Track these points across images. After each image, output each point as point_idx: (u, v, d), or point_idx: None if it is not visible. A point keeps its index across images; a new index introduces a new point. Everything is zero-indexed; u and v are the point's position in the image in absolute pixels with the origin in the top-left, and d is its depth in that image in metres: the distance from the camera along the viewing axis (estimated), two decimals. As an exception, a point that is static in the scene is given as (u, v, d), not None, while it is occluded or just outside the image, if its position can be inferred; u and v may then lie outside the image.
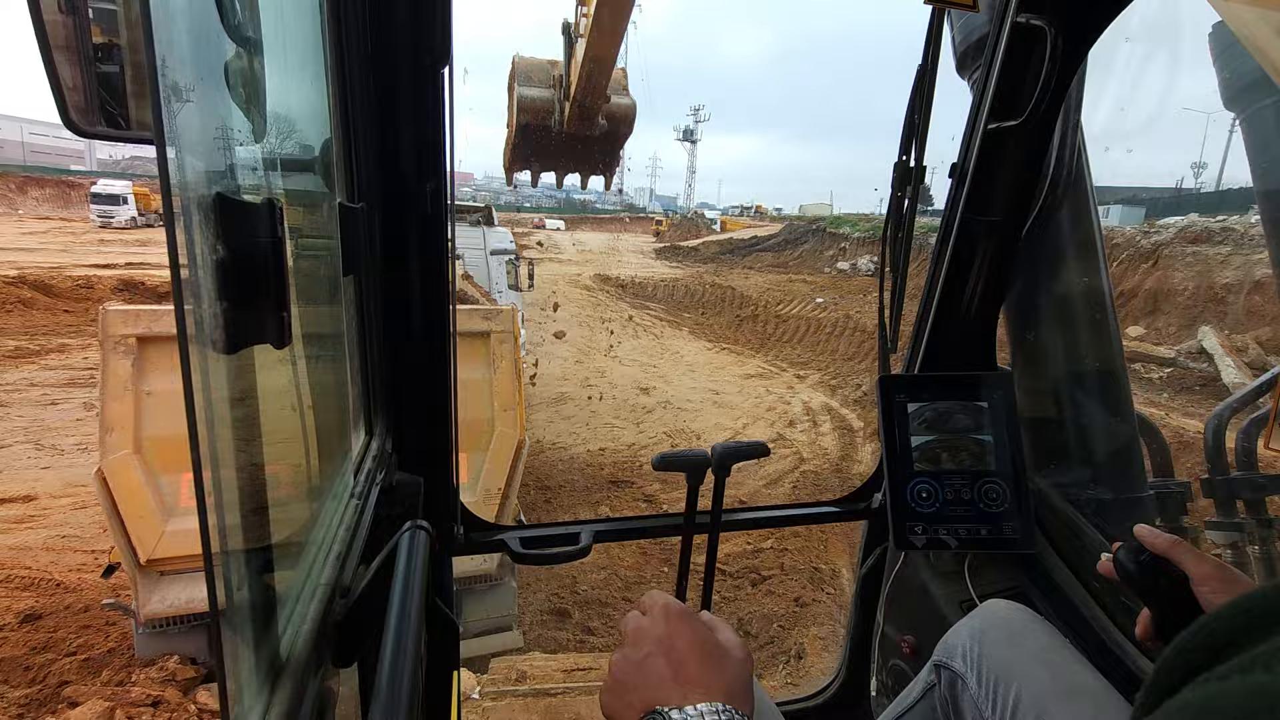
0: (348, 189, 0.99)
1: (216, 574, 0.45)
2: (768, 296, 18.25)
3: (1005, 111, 1.34)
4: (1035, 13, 1.24)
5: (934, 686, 1.14)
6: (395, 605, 0.72)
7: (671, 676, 0.59)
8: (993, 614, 1.13)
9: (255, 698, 0.53)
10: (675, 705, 0.55)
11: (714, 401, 10.16)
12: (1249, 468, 1.73)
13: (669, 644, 0.62)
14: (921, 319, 1.58)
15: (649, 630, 0.64)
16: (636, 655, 0.62)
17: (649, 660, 0.61)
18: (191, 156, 0.43)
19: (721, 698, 0.56)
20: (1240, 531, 1.73)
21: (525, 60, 5.70)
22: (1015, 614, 1.11)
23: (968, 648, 1.09)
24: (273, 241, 0.52)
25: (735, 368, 12.56)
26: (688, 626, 0.64)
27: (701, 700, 0.55)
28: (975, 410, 1.45)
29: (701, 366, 12.25)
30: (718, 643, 0.64)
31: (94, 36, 0.59)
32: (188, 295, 0.42)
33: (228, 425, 0.50)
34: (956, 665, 1.09)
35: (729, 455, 1.49)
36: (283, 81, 0.70)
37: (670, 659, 0.61)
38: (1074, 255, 1.60)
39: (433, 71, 1.05)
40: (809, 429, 9.19)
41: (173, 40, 0.40)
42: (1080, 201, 1.54)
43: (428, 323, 1.20)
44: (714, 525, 1.56)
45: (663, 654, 0.61)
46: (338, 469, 0.95)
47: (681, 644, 0.62)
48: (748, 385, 11.28)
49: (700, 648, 0.62)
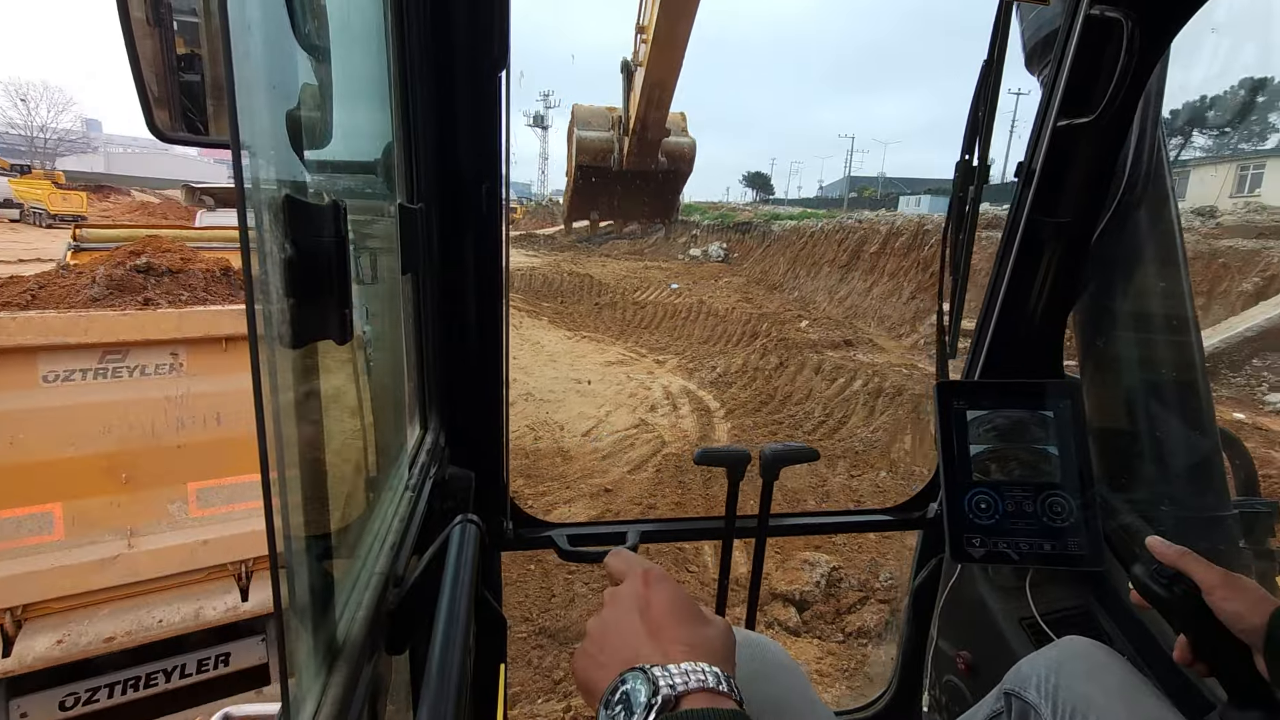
0: (407, 190, 1.02)
1: (280, 560, 0.47)
2: (625, 284, 18.16)
3: (1076, 108, 1.28)
4: (1111, 4, 1.18)
5: (1001, 714, 1.10)
6: (446, 596, 0.73)
7: (649, 634, 0.55)
8: (1072, 648, 1.09)
9: (313, 679, 0.55)
10: (656, 662, 0.51)
11: (576, 391, 10.07)
12: None
13: (647, 604, 0.58)
14: (983, 324, 1.53)
15: (627, 593, 0.61)
16: (613, 616, 0.59)
17: (626, 621, 0.58)
18: (264, 160, 0.46)
19: (704, 656, 0.52)
20: None
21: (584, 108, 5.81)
22: (1096, 651, 1.07)
23: (1043, 678, 1.05)
24: (337, 241, 0.54)
25: (596, 355, 12.47)
26: (666, 589, 0.60)
27: (684, 659, 0.51)
28: (1040, 420, 1.39)
29: (562, 356, 12.12)
30: (697, 606, 0.60)
31: (178, 48, 0.63)
32: (258, 292, 0.44)
33: (293, 418, 0.52)
34: (1030, 696, 1.05)
35: (778, 459, 1.47)
36: (348, 87, 0.73)
37: (648, 619, 0.57)
38: (1152, 258, 1.52)
39: (491, 75, 1.07)
40: (669, 412, 9.27)
41: (249, 51, 0.42)
42: (1159, 202, 1.46)
43: (481, 321, 1.22)
44: (761, 530, 1.54)
45: (639, 613, 0.58)
46: (393, 462, 0.98)
47: (660, 605, 0.58)
48: (609, 372, 11.19)
49: (680, 608, 0.58)
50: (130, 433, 2.45)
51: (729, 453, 1.48)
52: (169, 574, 2.55)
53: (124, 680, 2.55)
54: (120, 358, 2.45)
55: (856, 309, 16.01)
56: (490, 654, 1.32)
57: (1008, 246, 1.44)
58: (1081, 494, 1.35)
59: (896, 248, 16.43)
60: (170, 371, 2.55)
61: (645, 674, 0.50)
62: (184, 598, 2.62)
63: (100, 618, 2.46)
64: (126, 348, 2.46)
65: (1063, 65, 1.28)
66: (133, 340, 2.45)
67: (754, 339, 12.88)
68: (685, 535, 1.61)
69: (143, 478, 2.49)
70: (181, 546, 2.54)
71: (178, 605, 2.59)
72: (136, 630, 2.48)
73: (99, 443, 2.41)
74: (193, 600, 2.62)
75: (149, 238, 3.22)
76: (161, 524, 2.54)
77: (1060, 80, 1.29)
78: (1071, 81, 1.27)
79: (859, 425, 8.60)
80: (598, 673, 0.54)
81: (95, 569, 2.40)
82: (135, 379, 2.48)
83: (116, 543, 2.45)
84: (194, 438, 2.57)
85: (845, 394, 9.54)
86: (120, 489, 2.45)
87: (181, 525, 2.58)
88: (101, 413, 2.41)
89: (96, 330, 2.39)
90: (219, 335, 2.62)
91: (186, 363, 2.57)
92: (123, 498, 2.46)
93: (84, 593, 2.41)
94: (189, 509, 2.60)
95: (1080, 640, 1.12)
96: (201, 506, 2.62)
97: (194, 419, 2.57)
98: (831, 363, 10.73)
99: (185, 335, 2.55)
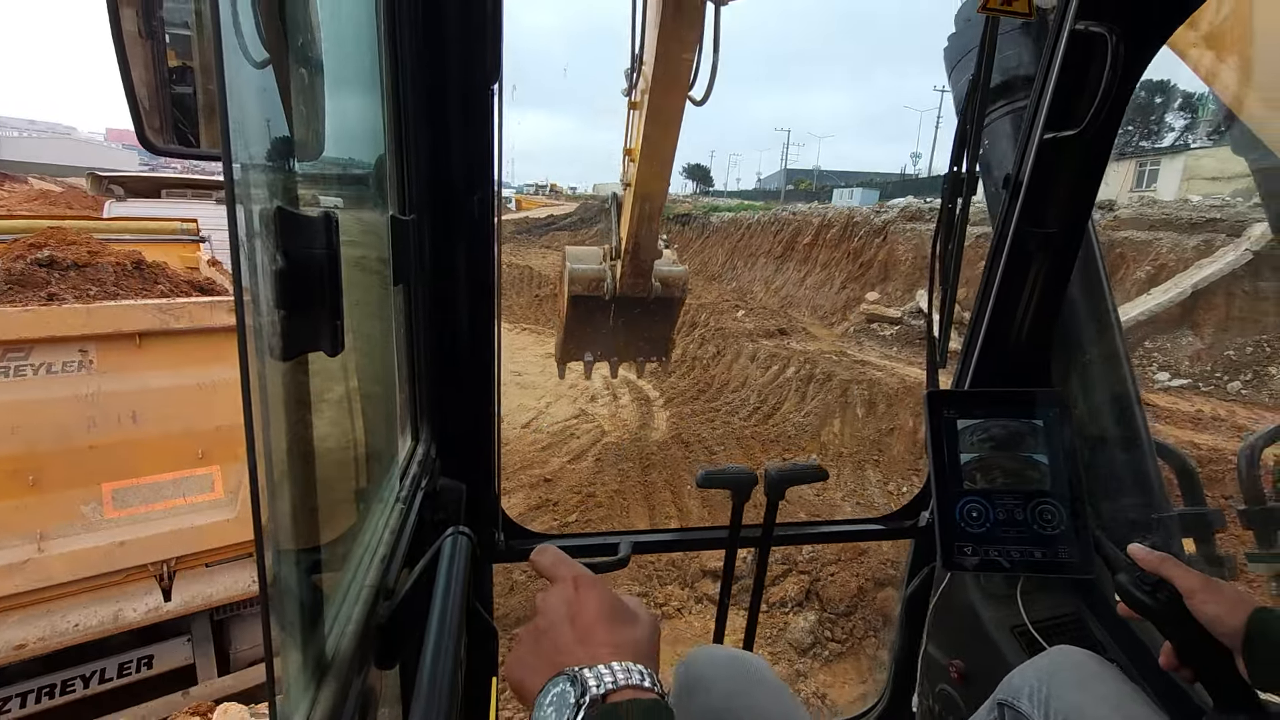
0: (400, 201, 1.02)
1: (268, 573, 0.47)
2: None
3: (1062, 121, 1.30)
4: (1095, 19, 1.20)
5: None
6: (437, 609, 0.73)
7: (579, 639, 0.58)
8: (1064, 657, 1.10)
9: (302, 694, 0.54)
10: (584, 664, 0.54)
11: (517, 383, 10.24)
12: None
13: (576, 609, 0.61)
14: (973, 333, 1.54)
15: (557, 598, 0.63)
16: (544, 623, 0.61)
17: (557, 627, 0.60)
18: (255, 173, 0.46)
19: (629, 656, 0.56)
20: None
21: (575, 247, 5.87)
22: (1087, 660, 1.08)
23: (1035, 688, 1.05)
24: (328, 253, 0.54)
25: (536, 348, 12.64)
26: (596, 593, 0.63)
27: (612, 659, 0.55)
28: (1030, 428, 1.40)
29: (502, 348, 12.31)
30: (625, 607, 0.63)
31: (169, 61, 0.63)
32: (248, 304, 0.44)
33: (283, 429, 0.52)
34: (1023, 706, 1.06)
35: (785, 479, 1.46)
36: (341, 100, 0.73)
37: (577, 624, 0.60)
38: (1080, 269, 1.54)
39: (483, 88, 1.07)
40: (610, 402, 9.45)
41: (241, 63, 0.42)
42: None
43: (473, 332, 1.22)
44: (764, 540, 1.54)
45: (569, 620, 0.60)
46: (384, 473, 0.97)
47: (589, 611, 0.61)
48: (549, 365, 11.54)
49: (608, 611, 0.61)
50: (37, 433, 2.37)
51: (734, 475, 1.45)
52: (84, 577, 2.47)
53: (38, 688, 2.49)
54: (23, 356, 2.36)
55: (791, 298, 16.29)
56: (482, 666, 1.31)
57: (996, 257, 1.45)
58: (1071, 502, 1.35)
59: (828, 239, 16.80)
60: (79, 370, 2.45)
61: (574, 676, 0.53)
62: (101, 600, 2.54)
63: (10, 624, 2.38)
64: (29, 345, 2.37)
65: (1049, 79, 1.30)
66: (35, 338, 2.36)
67: (693, 329, 13.06)
68: (680, 546, 1.61)
69: (52, 479, 2.41)
70: (96, 549, 2.46)
71: (95, 608, 2.52)
72: (50, 636, 2.42)
73: (3, 444, 2.32)
74: (111, 603, 2.55)
75: (52, 229, 3.05)
76: (75, 526, 2.46)
77: (1046, 94, 1.30)
78: (1057, 95, 1.29)
79: (791, 410, 8.81)
80: (531, 677, 0.57)
81: (3, 575, 2.31)
82: (40, 377, 2.39)
83: (25, 547, 2.36)
84: (108, 437, 2.48)
85: (779, 381, 9.74)
86: (27, 491, 2.37)
87: (96, 527, 2.49)
88: (5, 413, 2.32)
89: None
90: (132, 331, 2.52)
91: (97, 360, 2.48)
92: (30, 500, 2.38)
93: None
94: (104, 510, 2.52)
95: (1072, 650, 1.12)
96: (118, 507, 2.54)
97: (107, 418, 2.48)
98: (766, 351, 10.94)
99: (95, 331, 2.45)
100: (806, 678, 3.85)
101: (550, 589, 0.66)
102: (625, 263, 5.40)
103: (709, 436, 7.98)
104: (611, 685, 0.52)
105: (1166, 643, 0.97)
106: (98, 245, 3.01)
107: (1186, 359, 9.49)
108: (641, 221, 5.21)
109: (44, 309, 2.43)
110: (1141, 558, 1.00)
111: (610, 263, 5.57)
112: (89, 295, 2.65)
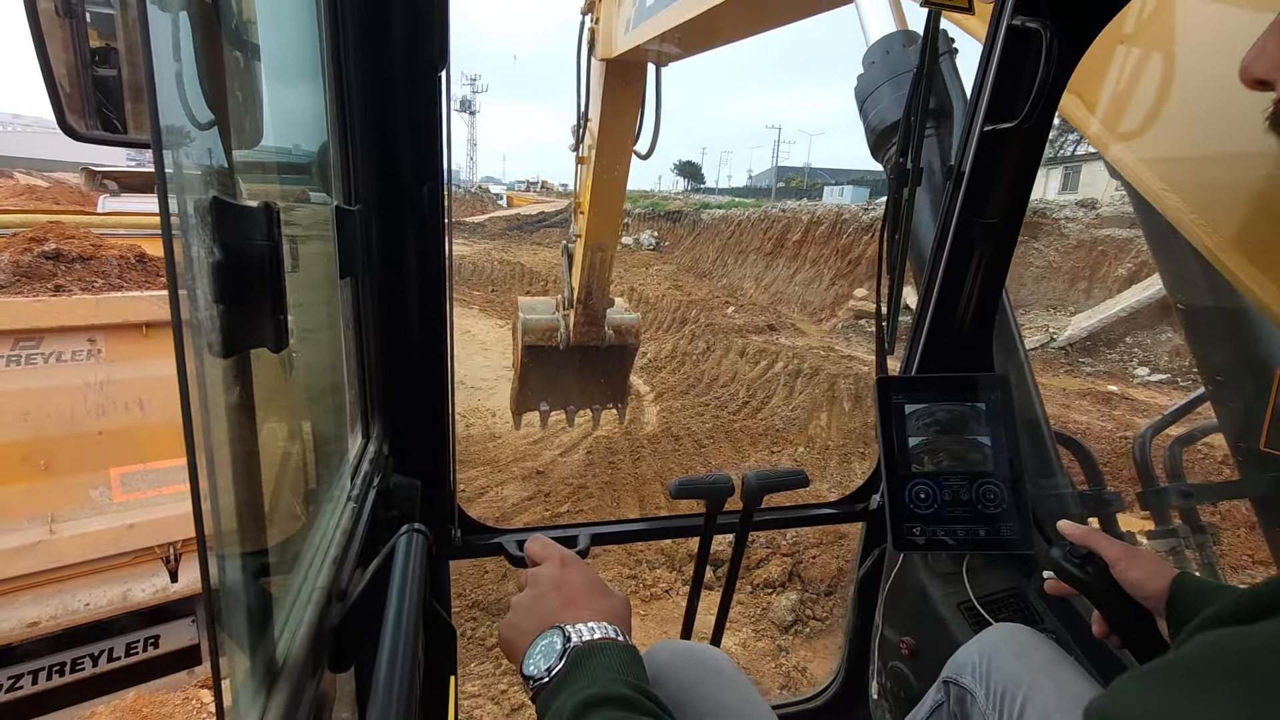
0: (344, 192, 0.99)
1: (212, 578, 0.45)
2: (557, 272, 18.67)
3: (1001, 113, 1.34)
4: (1031, 15, 1.25)
5: (943, 704, 1.16)
6: (392, 609, 0.71)
7: (563, 604, 0.69)
8: (1003, 633, 1.15)
9: (251, 703, 0.53)
10: (569, 623, 0.64)
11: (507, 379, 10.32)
12: (1178, 479, 1.89)
13: (561, 582, 0.72)
14: (919, 321, 1.58)
15: (545, 573, 0.74)
16: (533, 594, 0.72)
17: (545, 596, 0.71)
18: (188, 160, 0.43)
19: (607, 619, 0.66)
20: (1177, 538, 1.83)
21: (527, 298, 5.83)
22: (1022, 634, 1.14)
23: (977, 664, 1.11)
24: (269, 244, 0.52)
25: None
26: (578, 570, 0.75)
27: (592, 620, 0.65)
28: (973, 412, 1.46)
29: (494, 344, 12.25)
30: (603, 584, 0.75)
31: (91, 40, 0.59)
32: (184, 298, 0.42)
33: (224, 429, 0.50)
34: (966, 681, 1.11)
35: (764, 487, 1.46)
36: (280, 85, 0.70)
37: (562, 593, 0.71)
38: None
39: (429, 75, 1.05)
40: None
41: (170, 44, 0.40)
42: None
43: (425, 325, 1.20)
44: (707, 529, 1.55)
45: (555, 589, 0.71)
46: (334, 472, 0.94)
47: (573, 583, 0.72)
48: None
49: (590, 584, 0.73)
50: (48, 420, 2.45)
51: (709, 484, 1.43)
52: (94, 558, 2.55)
53: (49, 666, 2.57)
54: (35, 344, 2.45)
55: (780, 295, 16.49)
56: (440, 665, 1.29)
57: (940, 246, 1.50)
58: (1012, 481, 1.41)
59: (817, 236, 17.02)
60: (88, 358, 2.54)
61: (561, 630, 0.64)
62: (110, 581, 2.62)
63: (23, 603, 2.46)
64: (40, 334, 2.45)
65: (988, 73, 1.34)
66: (47, 327, 2.45)
67: (683, 325, 13.13)
68: (638, 536, 1.61)
69: (63, 464, 2.50)
70: (106, 531, 2.54)
71: (104, 589, 2.60)
72: (61, 614, 2.50)
73: (15, 430, 2.41)
74: (119, 584, 2.63)
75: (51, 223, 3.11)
76: (84, 509, 2.55)
77: (986, 87, 1.35)
78: (996, 88, 1.34)
79: (780, 405, 8.93)
80: (520, 639, 0.66)
81: (15, 555, 2.40)
82: (51, 366, 2.48)
83: (37, 529, 2.45)
84: (116, 423, 2.57)
85: (767, 376, 9.89)
86: (39, 475, 2.46)
87: (105, 510, 2.58)
88: (17, 400, 2.40)
89: (8, 317, 2.38)
90: (138, 321, 2.62)
91: (105, 349, 2.56)
92: (42, 484, 2.47)
93: (3, 580, 2.41)
94: (113, 494, 2.60)
95: (1009, 625, 1.18)
96: (126, 491, 2.62)
97: (115, 405, 2.57)
98: (755, 346, 11.07)
99: (103, 321, 2.54)
100: (789, 653, 3.94)
101: (540, 568, 0.76)
102: (578, 312, 5.44)
103: (699, 430, 8.02)
104: (591, 636, 0.63)
105: (1096, 612, 1.02)
106: (98, 239, 3.07)
107: (1165, 354, 9.84)
108: (593, 270, 5.22)
109: (55, 300, 2.50)
110: (1070, 532, 1.06)
111: (564, 312, 5.60)
112: (94, 287, 2.73)
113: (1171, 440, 1.96)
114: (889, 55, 1.63)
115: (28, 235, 2.91)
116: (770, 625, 4.18)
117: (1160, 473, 1.92)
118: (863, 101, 1.70)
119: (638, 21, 4.03)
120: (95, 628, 2.61)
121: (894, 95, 1.61)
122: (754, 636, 4.06)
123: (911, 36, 1.64)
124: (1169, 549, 1.82)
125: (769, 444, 7.63)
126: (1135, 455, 1.94)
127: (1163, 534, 1.84)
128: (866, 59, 1.69)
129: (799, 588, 4.54)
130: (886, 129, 1.62)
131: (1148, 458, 1.93)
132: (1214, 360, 1.67)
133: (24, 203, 10.34)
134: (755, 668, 3.79)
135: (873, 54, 1.67)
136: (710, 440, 7.76)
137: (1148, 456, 1.93)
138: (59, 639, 2.55)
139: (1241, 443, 1.68)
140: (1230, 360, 1.63)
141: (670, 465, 6.91)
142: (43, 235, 2.91)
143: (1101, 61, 1.40)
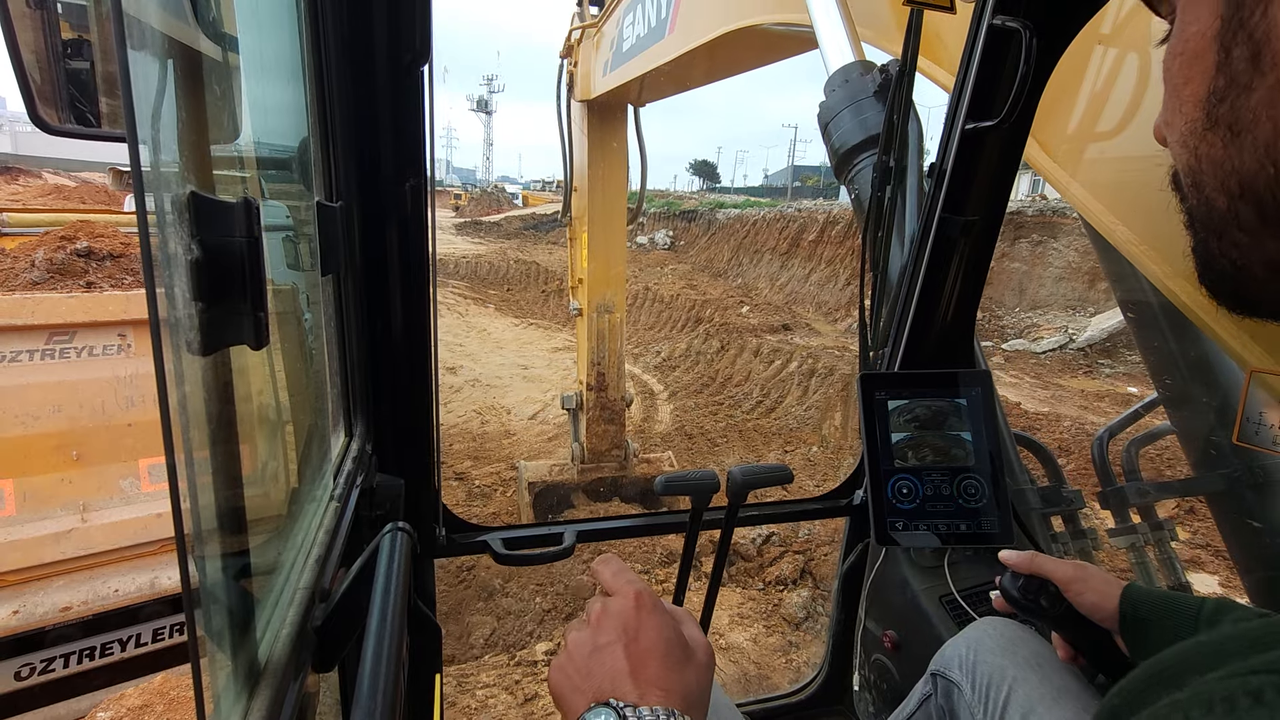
0: (326, 188, 0.98)
1: (193, 579, 0.44)
2: None
3: (982, 112, 1.36)
4: (1011, 15, 1.26)
5: (930, 696, 1.17)
6: (376, 608, 0.71)
7: (630, 671, 0.56)
8: (989, 627, 1.17)
9: (233, 705, 0.52)
10: (630, 702, 0.52)
11: (523, 376, 10.33)
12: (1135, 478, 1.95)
13: (634, 635, 0.59)
14: (901, 318, 1.60)
15: (616, 616, 0.61)
16: (599, 640, 0.59)
17: (610, 649, 0.58)
18: (165, 155, 0.43)
19: (679, 703, 0.54)
20: (1136, 534, 1.89)
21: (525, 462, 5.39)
22: (1008, 627, 1.15)
23: (964, 657, 1.12)
24: (250, 241, 0.51)
25: (543, 342, 12.79)
26: (656, 619, 0.60)
27: (658, 703, 0.53)
28: (954, 407, 1.47)
29: (509, 342, 12.40)
30: (684, 641, 0.61)
31: (63, 32, 0.58)
32: (161, 296, 0.41)
33: (204, 428, 0.49)
34: (953, 675, 1.12)
35: (749, 483, 1.44)
36: (259, 79, 0.69)
37: (632, 652, 0.57)
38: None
39: (411, 69, 1.04)
40: None
41: (146, 36, 0.39)
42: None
43: (408, 325, 1.19)
44: (694, 524, 1.56)
45: (624, 645, 0.58)
46: (317, 471, 0.94)
47: (647, 638, 0.59)
48: (555, 359, 11.49)
49: (665, 645, 0.59)
50: (80, 411, 2.53)
51: (695, 480, 1.41)
52: (123, 546, 2.63)
53: (79, 650, 2.63)
54: (68, 339, 2.53)
55: (795, 295, 16.49)
56: (425, 664, 1.28)
57: (922, 243, 1.51)
58: (993, 476, 1.43)
59: (833, 235, 17.03)
60: (119, 352, 2.62)
61: (618, 713, 0.51)
62: (139, 569, 2.69)
63: (55, 589, 2.54)
64: (73, 329, 2.54)
65: (969, 72, 1.35)
66: (79, 322, 2.53)
67: (697, 324, 13.14)
68: (623, 533, 1.61)
69: (93, 454, 2.57)
70: (134, 520, 2.61)
71: (133, 576, 2.66)
72: (92, 600, 2.57)
73: (49, 421, 2.48)
74: (148, 571, 2.69)
75: (81, 222, 3.20)
76: (114, 499, 2.63)
77: (967, 86, 1.36)
78: (977, 87, 1.35)
79: (793, 404, 8.96)
80: (573, 696, 0.56)
81: (49, 542, 2.48)
82: (83, 359, 2.56)
83: (69, 517, 2.53)
84: (144, 416, 2.64)
85: (781, 375, 9.89)
86: (71, 466, 2.54)
87: (134, 500, 2.65)
88: (50, 392, 2.48)
89: (43, 312, 2.46)
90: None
91: (135, 344, 2.64)
92: (74, 474, 2.54)
93: (38, 565, 2.49)
94: (141, 484, 2.68)
95: (996, 620, 1.20)
96: (154, 481, 2.71)
97: (144, 398, 2.65)
98: (770, 346, 11.07)
99: (133, 317, 2.61)
100: (800, 649, 3.97)
101: (610, 601, 0.62)
102: (590, 405, 4.97)
103: (712, 429, 8.02)
104: None
105: (1055, 635, 1.03)
106: (126, 237, 3.14)
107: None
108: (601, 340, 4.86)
109: (87, 296, 2.59)
110: (1014, 562, 1.04)
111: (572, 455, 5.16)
112: (124, 284, 2.81)
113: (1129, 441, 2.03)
114: (848, 83, 1.70)
115: (59, 234, 3.00)
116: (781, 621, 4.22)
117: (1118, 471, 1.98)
118: (825, 125, 1.77)
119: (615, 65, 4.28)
120: (124, 613, 2.68)
121: (855, 119, 1.68)
122: (765, 632, 4.11)
123: (868, 65, 1.70)
124: (1129, 545, 1.88)
125: (782, 443, 7.64)
126: (1094, 456, 2.01)
127: (1123, 530, 1.91)
128: (828, 87, 1.76)
129: (811, 585, 4.56)
130: (848, 151, 1.69)
131: (1106, 458, 1.99)
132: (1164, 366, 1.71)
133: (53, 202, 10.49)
134: (766, 662, 3.83)
135: (833, 83, 1.73)
136: (724, 439, 7.77)
137: (1106, 457, 2.00)
138: (89, 624, 2.63)
139: (1193, 442, 1.72)
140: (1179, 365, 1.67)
141: (683, 463, 6.95)
142: (74, 233, 3.01)
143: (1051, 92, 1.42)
